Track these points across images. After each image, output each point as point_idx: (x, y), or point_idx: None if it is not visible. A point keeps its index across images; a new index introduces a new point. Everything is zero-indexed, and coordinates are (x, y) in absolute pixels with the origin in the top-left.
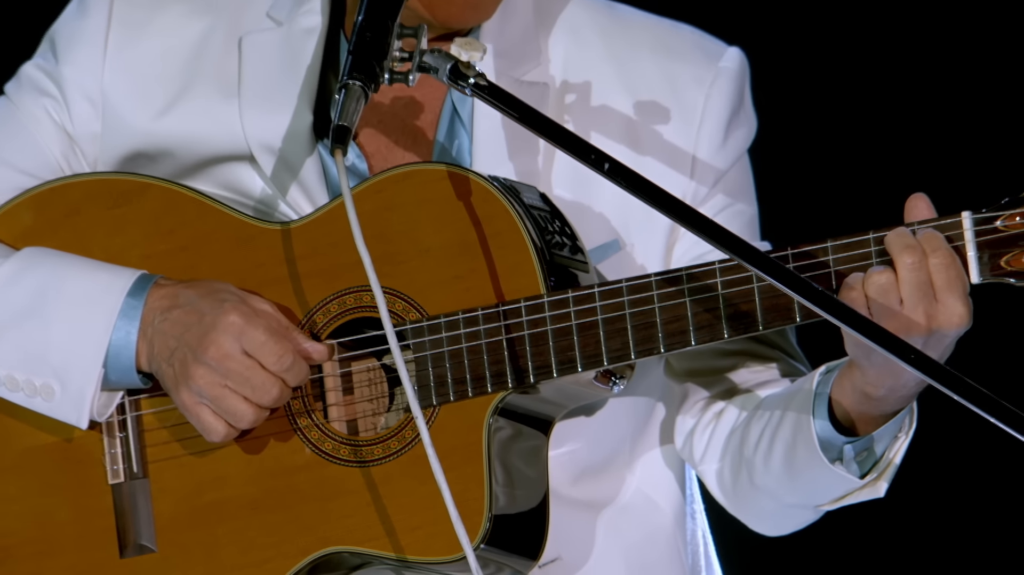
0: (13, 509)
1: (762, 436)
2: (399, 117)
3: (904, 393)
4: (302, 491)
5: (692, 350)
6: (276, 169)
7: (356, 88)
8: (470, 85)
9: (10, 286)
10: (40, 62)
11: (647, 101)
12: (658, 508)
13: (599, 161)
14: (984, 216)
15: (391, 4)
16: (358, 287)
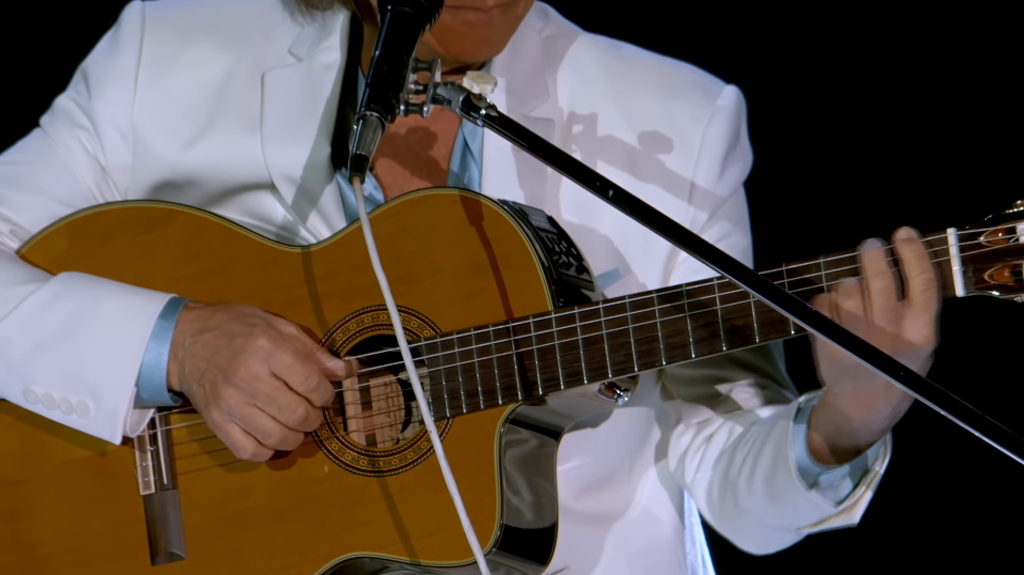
0: (51, 520)
1: (745, 461)
2: (413, 150)
3: (877, 427)
4: (323, 500)
5: (689, 369)
6: (296, 197)
7: (373, 119)
8: (482, 116)
9: (48, 309)
10: (74, 95)
11: (648, 136)
12: (659, 521)
13: (604, 188)
14: (968, 232)
15: (407, 39)
16: (375, 306)
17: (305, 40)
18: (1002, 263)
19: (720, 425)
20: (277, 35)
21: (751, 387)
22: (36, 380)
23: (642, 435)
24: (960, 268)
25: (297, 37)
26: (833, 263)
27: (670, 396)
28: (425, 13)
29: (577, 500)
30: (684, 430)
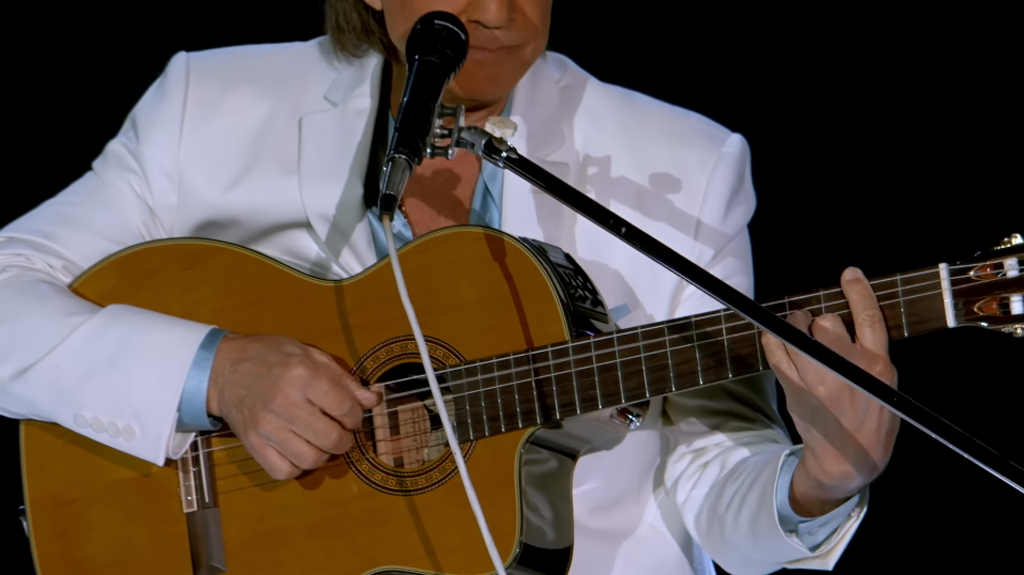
0: (99, 536)
1: (733, 499)
2: (439, 191)
3: (854, 484)
4: (354, 517)
5: (688, 399)
6: (330, 235)
7: (402, 161)
8: (503, 158)
9: (97, 338)
10: (124, 141)
11: (657, 180)
12: (666, 539)
13: (617, 225)
14: (959, 267)
15: (433, 87)
16: (403, 336)
17: (339, 86)
18: (990, 296)
19: (714, 456)
20: (313, 82)
21: (744, 420)
22: (85, 405)
23: (650, 460)
24: (951, 301)
25: (332, 83)
26: (832, 295)
27: (670, 423)
28: (450, 63)
29: (589, 518)
30: (680, 456)
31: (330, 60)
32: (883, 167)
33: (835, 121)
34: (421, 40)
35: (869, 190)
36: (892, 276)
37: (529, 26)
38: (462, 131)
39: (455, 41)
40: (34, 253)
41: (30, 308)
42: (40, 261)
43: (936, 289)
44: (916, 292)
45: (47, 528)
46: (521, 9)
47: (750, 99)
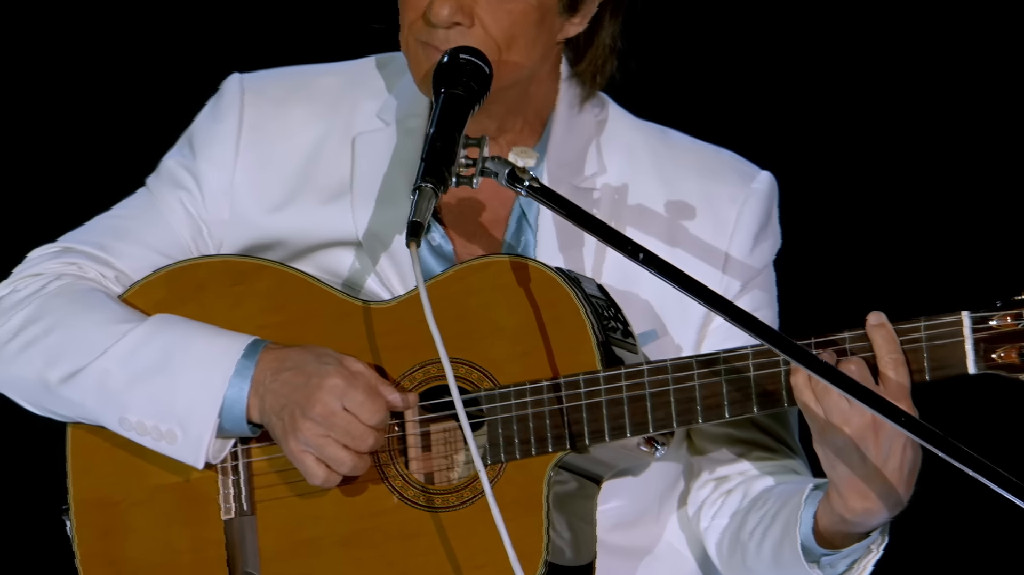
0: (140, 538)
1: (756, 528)
2: (479, 206)
3: (876, 519)
4: (386, 531)
5: (714, 428)
6: (377, 253)
7: (428, 190)
8: (525, 187)
9: (144, 345)
10: (179, 158)
11: (688, 213)
12: (684, 557)
13: (635, 252)
14: (981, 316)
15: (458, 118)
16: (439, 359)
17: (391, 106)
18: (1010, 345)
19: (737, 484)
20: (366, 102)
21: (767, 450)
22: (131, 409)
23: (671, 481)
24: (972, 348)
25: (384, 102)
26: (858, 338)
27: (695, 450)
28: (475, 95)
29: (610, 534)
30: (704, 483)
31: (381, 77)
32: (908, 213)
33: (866, 166)
34: (447, 73)
35: (895, 235)
36: (916, 322)
37: (485, 39)
38: (486, 161)
39: (479, 74)
40: (87, 263)
41: (82, 315)
42: (93, 271)
43: (958, 336)
44: (939, 338)
45: (90, 529)
46: (480, 19)
47: (777, 137)
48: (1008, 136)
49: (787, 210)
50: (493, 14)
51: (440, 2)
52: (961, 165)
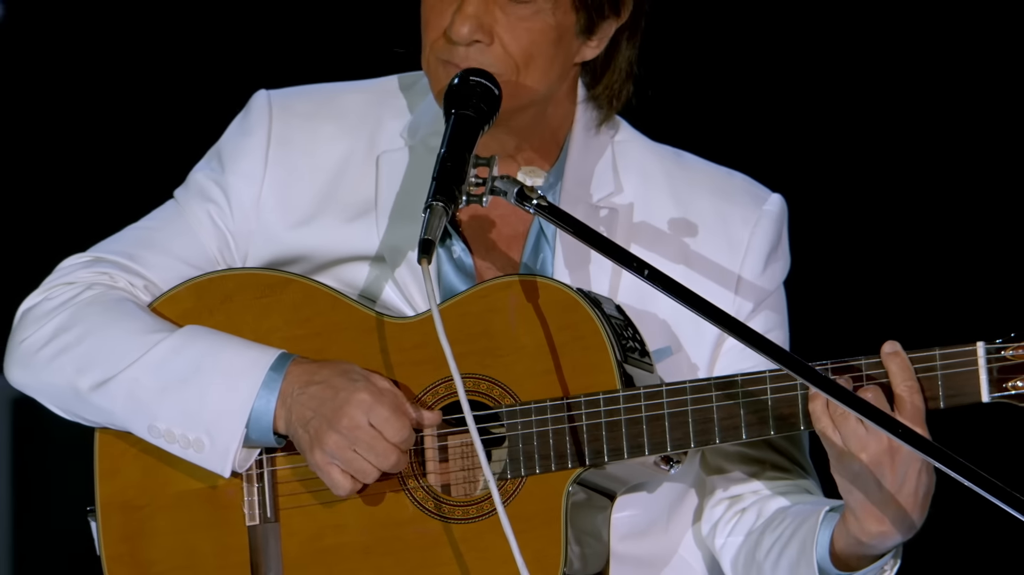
0: (166, 542)
1: (772, 548)
2: (499, 220)
3: (890, 542)
4: (406, 540)
5: (729, 446)
6: (400, 269)
7: (439, 208)
8: (533, 205)
9: (174, 355)
10: (207, 171)
11: (701, 233)
12: (691, 567)
13: (640, 268)
14: (995, 346)
15: (468, 139)
16: (465, 374)
17: (415, 126)
18: (1023, 375)
19: (751, 503)
20: (390, 121)
21: (780, 470)
22: (160, 417)
23: (680, 494)
24: (986, 377)
25: (407, 122)
26: (876, 364)
27: (709, 468)
28: (484, 116)
29: (620, 543)
30: (718, 501)
31: (404, 96)
32: (923, 241)
33: (882, 193)
34: (457, 94)
35: (911, 263)
36: (931, 351)
37: (504, 57)
38: (495, 180)
39: (489, 96)
40: (118, 272)
41: (113, 324)
42: (123, 280)
43: (972, 366)
44: (954, 367)
45: (115, 531)
46: (500, 37)
47: (793, 165)
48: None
49: (800, 234)
50: (512, 32)
51: (460, 20)
52: (980, 194)
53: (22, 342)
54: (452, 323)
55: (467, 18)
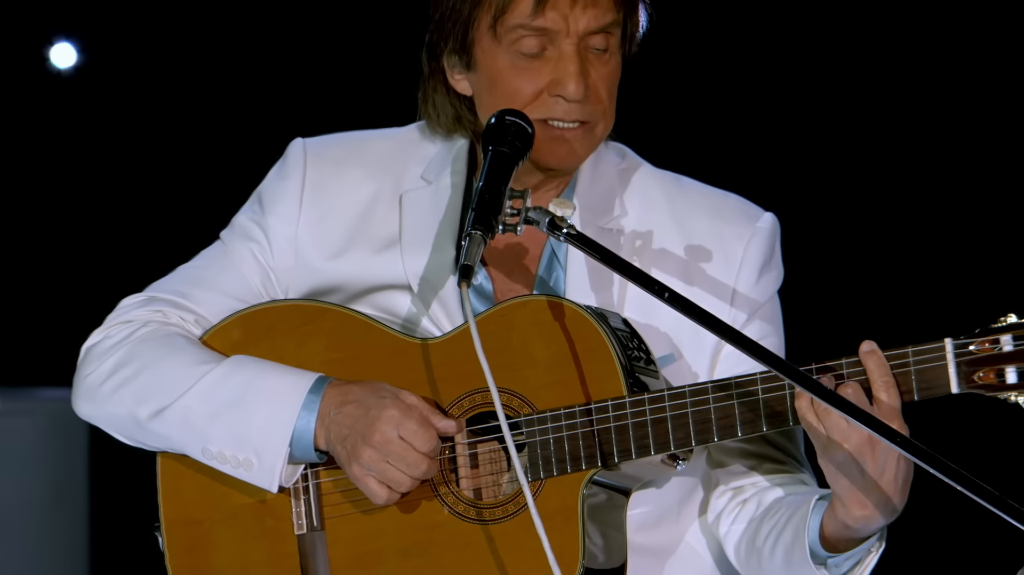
0: (222, 553)
1: (770, 534)
2: (514, 254)
3: (874, 525)
4: (440, 542)
5: (731, 443)
6: (425, 295)
7: (477, 236)
8: (563, 234)
9: (222, 384)
10: (250, 214)
11: (699, 251)
12: (701, 556)
13: (660, 291)
14: (961, 342)
15: (504, 173)
16: (483, 388)
17: (433, 167)
18: (988, 367)
19: (751, 495)
20: (411, 164)
21: (777, 463)
22: (211, 440)
23: (689, 488)
24: (955, 371)
25: (428, 164)
26: (853, 363)
27: (714, 463)
28: (519, 152)
29: (635, 534)
30: (722, 493)
31: (424, 142)
32: (900, 254)
33: (860, 214)
34: (494, 133)
35: (888, 270)
36: (904, 348)
37: (601, 104)
38: (529, 211)
39: (523, 134)
40: (171, 309)
41: (167, 357)
42: (176, 316)
43: (942, 360)
44: (925, 363)
45: (179, 544)
46: (595, 88)
47: (780, 182)
48: (979, 179)
49: (788, 247)
50: (601, 81)
51: (577, 81)
52: (942, 206)
53: (86, 377)
54: (471, 340)
55: (582, 77)
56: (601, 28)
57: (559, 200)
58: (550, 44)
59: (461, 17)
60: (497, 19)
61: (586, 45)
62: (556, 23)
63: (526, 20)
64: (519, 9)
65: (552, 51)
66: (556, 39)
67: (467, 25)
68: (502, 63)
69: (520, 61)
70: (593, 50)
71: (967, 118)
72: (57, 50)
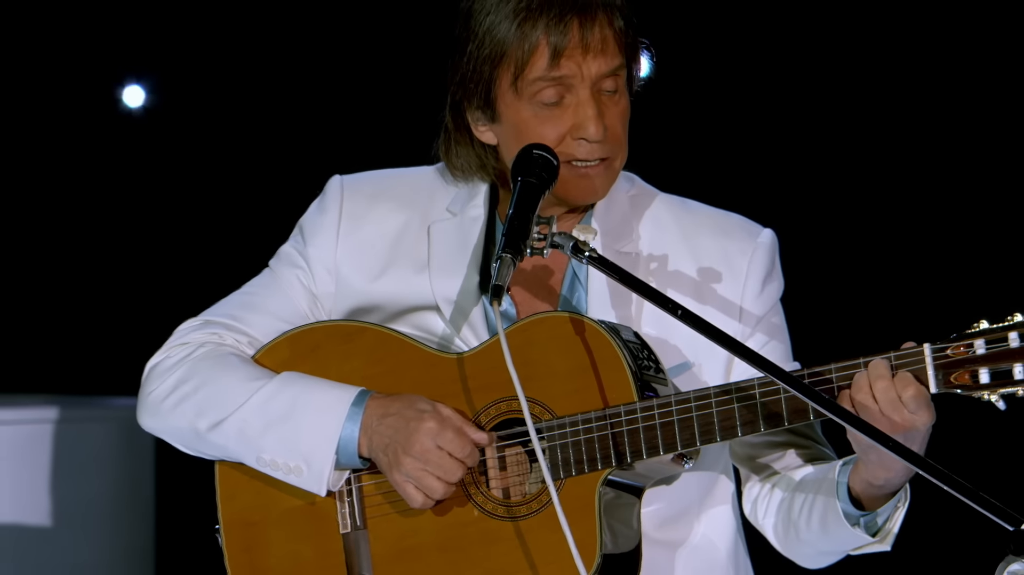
0: (276, 551)
1: (803, 507)
2: (538, 278)
3: (897, 482)
4: (472, 538)
5: (754, 437)
6: (454, 315)
7: (508, 259)
8: (586, 257)
9: (273, 398)
10: (294, 244)
11: (707, 267)
12: (716, 547)
13: (674, 308)
14: (939, 347)
15: (532, 201)
16: (509, 397)
17: (458, 200)
18: (963, 369)
19: (779, 479)
20: (438, 197)
21: (799, 448)
22: (265, 449)
23: (707, 486)
24: (933, 373)
25: (453, 198)
26: (842, 368)
27: (739, 457)
28: (545, 183)
29: (657, 531)
30: (753, 483)
31: (449, 180)
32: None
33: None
34: (522, 165)
35: (877, 284)
36: (888, 354)
37: (617, 141)
38: (554, 236)
39: (549, 166)
40: (225, 332)
41: (223, 375)
42: (230, 338)
43: (921, 363)
44: (906, 366)
45: (237, 544)
46: (612, 127)
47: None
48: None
49: (797, 263)
50: (615, 120)
51: (597, 124)
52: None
53: (149, 394)
54: (498, 355)
55: (600, 119)
56: (611, 71)
57: (582, 226)
58: (567, 92)
59: (483, 78)
60: (517, 76)
61: (599, 89)
62: (571, 71)
63: (544, 73)
64: (537, 64)
65: (570, 98)
66: (572, 86)
67: (489, 84)
68: (525, 114)
69: (542, 111)
70: (605, 92)
71: (953, 133)
72: (128, 91)
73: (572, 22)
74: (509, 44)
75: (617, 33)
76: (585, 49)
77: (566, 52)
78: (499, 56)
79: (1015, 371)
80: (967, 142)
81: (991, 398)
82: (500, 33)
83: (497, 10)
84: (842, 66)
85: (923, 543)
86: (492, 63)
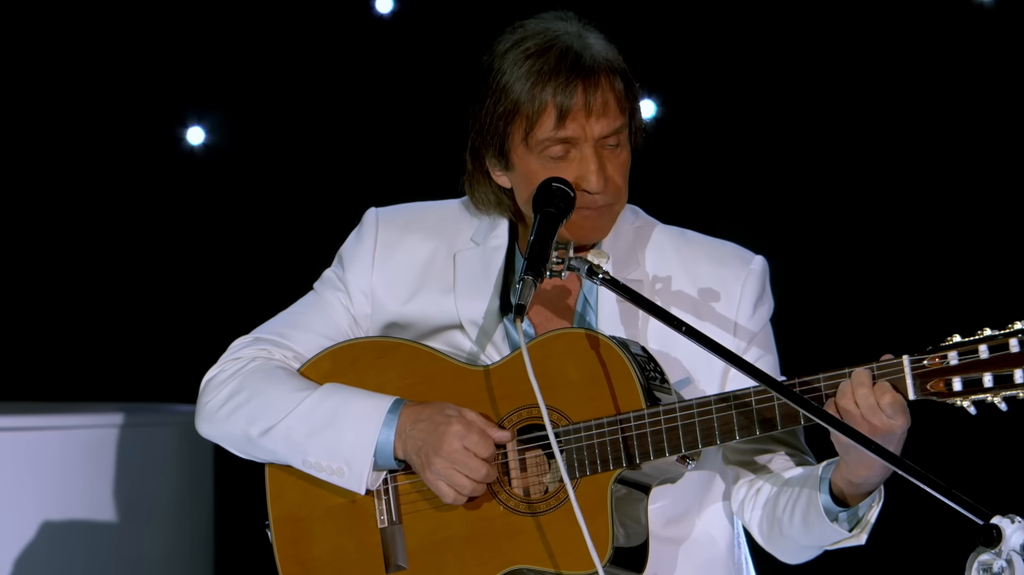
0: (320, 544)
1: (787, 504)
2: (553, 300)
3: (874, 481)
4: (496, 530)
5: (737, 444)
6: (477, 334)
7: (529, 280)
8: (599, 279)
9: (317, 407)
10: (335, 270)
11: (705, 291)
12: (716, 542)
13: (679, 325)
14: (916, 358)
15: (551, 229)
16: (530, 405)
17: (480, 231)
18: (939, 378)
19: (764, 482)
20: (463, 229)
21: (784, 455)
22: (310, 453)
23: (706, 486)
24: (912, 381)
25: (476, 229)
26: (829, 378)
27: (730, 461)
28: (563, 212)
29: (663, 529)
30: (741, 485)
31: (473, 212)
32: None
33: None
34: (543, 196)
35: (859, 301)
36: (870, 365)
37: (616, 189)
38: (571, 260)
39: (566, 197)
40: (273, 347)
41: (272, 386)
42: (278, 353)
43: (901, 373)
44: (889, 376)
45: (285, 538)
46: (612, 178)
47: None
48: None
49: (783, 282)
50: (616, 171)
51: (599, 177)
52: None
53: (206, 404)
54: (519, 368)
55: (601, 173)
56: (612, 132)
57: (596, 251)
58: (573, 148)
59: (498, 132)
60: (528, 134)
61: (602, 144)
62: (576, 132)
63: (551, 133)
64: (545, 125)
65: (575, 153)
66: (577, 144)
67: (503, 138)
68: (535, 166)
69: (549, 164)
70: (607, 147)
71: (928, 156)
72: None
73: (577, 86)
74: (522, 103)
75: (618, 95)
76: (588, 111)
77: (571, 114)
78: (512, 113)
79: (984, 379)
80: (942, 165)
81: (963, 404)
82: (514, 93)
83: (513, 70)
84: (825, 91)
85: (901, 537)
86: (506, 119)
